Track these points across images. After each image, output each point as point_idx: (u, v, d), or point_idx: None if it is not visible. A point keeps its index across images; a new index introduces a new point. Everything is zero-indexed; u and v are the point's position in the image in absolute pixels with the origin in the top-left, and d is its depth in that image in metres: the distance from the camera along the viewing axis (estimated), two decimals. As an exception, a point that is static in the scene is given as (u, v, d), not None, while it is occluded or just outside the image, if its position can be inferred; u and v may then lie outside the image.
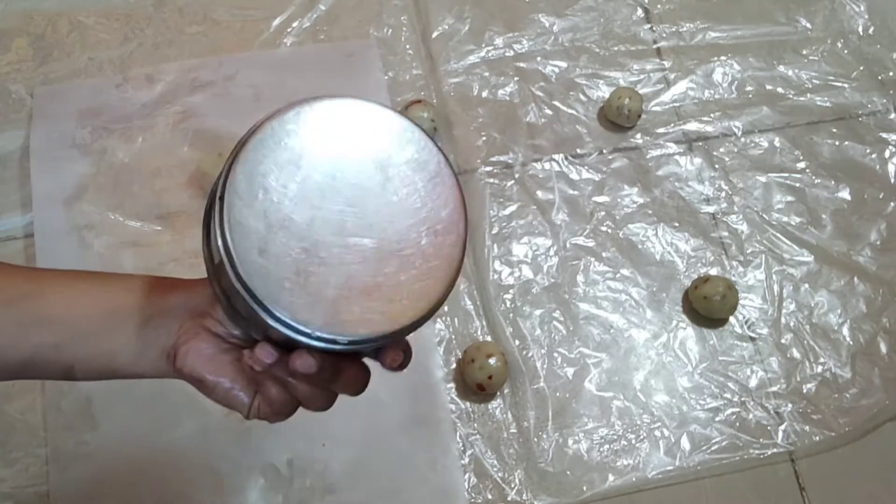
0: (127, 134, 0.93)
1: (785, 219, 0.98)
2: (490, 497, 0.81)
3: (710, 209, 0.98)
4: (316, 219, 0.41)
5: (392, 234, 0.42)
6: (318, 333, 0.40)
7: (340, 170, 0.42)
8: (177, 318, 0.47)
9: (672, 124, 1.02)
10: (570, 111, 1.01)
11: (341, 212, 0.41)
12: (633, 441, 0.85)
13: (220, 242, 0.40)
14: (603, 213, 0.96)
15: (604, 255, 0.94)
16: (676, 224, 0.97)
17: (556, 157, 0.99)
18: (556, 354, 0.88)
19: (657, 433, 0.86)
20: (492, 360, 0.83)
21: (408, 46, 1.03)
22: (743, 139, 1.03)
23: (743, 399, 0.88)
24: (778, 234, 0.97)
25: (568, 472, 0.83)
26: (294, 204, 0.41)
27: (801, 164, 1.02)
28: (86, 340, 0.47)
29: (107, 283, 0.50)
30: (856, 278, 0.96)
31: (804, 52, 1.08)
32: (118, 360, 0.48)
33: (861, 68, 1.08)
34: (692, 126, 1.03)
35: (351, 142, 0.43)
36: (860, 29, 1.11)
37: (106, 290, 0.49)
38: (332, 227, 0.41)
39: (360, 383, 0.46)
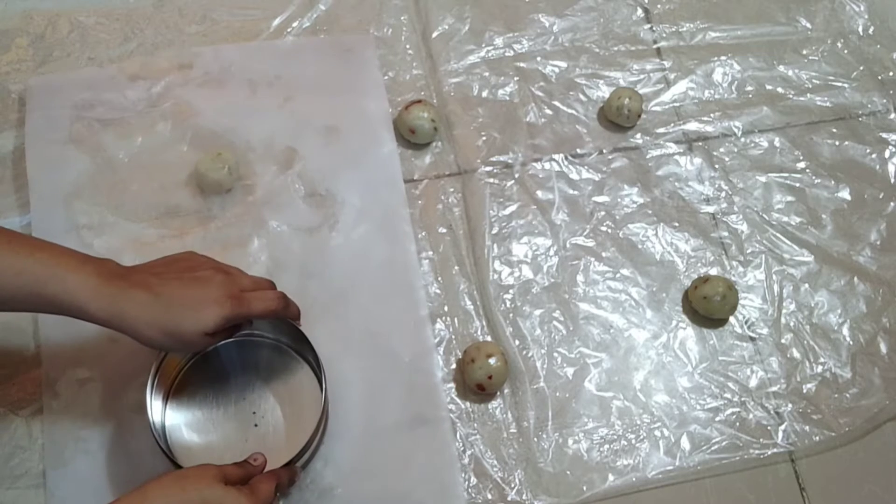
0: (125, 133, 0.93)
1: (785, 219, 0.98)
2: (490, 497, 0.81)
3: (710, 209, 0.98)
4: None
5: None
6: None
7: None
8: None
9: (672, 124, 1.02)
10: (570, 111, 1.01)
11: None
12: (633, 441, 0.85)
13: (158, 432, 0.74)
14: (603, 213, 0.96)
15: (604, 255, 0.94)
16: (676, 224, 0.97)
17: (556, 157, 0.99)
18: (556, 354, 0.88)
19: (657, 433, 0.86)
20: (492, 360, 0.83)
21: (408, 46, 1.03)
22: (743, 139, 1.02)
23: (743, 399, 0.88)
24: (778, 234, 0.97)
25: (568, 472, 0.83)
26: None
27: (801, 164, 1.02)
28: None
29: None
30: (856, 278, 0.96)
31: (804, 52, 1.08)
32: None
33: (861, 68, 1.08)
34: (692, 126, 1.03)
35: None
36: (860, 29, 1.11)
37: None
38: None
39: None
